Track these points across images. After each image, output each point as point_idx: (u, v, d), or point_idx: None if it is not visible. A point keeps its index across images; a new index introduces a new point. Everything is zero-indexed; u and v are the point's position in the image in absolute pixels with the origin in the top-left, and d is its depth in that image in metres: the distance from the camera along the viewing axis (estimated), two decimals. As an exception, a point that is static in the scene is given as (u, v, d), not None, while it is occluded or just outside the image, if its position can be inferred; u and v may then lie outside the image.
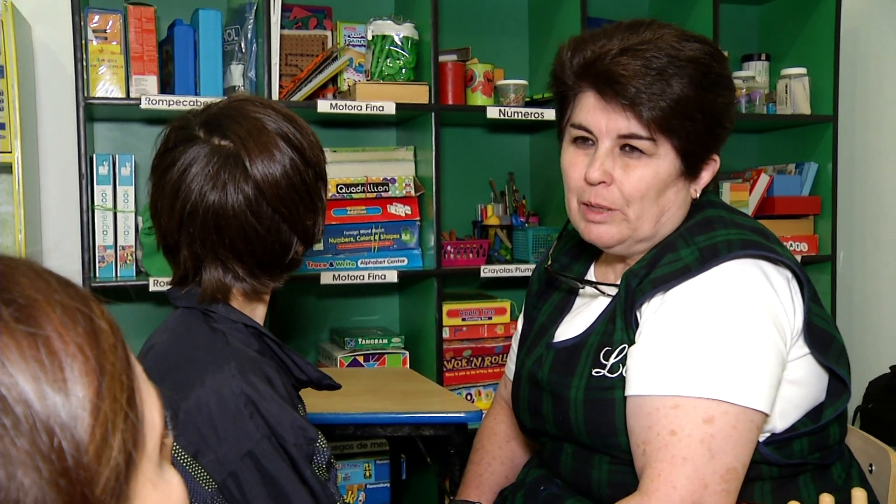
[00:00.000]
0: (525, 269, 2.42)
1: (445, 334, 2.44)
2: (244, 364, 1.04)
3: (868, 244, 2.88)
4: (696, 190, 1.25)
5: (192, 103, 2.15)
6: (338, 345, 2.47)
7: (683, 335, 1.11)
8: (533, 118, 2.44)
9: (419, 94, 2.34)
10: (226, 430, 1.00)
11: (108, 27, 2.17)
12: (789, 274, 1.18)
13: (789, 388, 1.16)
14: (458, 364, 2.46)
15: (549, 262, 1.39)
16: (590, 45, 1.20)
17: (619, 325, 1.21)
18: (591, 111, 1.20)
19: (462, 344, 2.47)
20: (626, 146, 1.19)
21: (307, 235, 1.16)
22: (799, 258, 2.74)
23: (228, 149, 1.09)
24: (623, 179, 1.19)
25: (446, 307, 2.44)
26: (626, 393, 1.14)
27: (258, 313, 1.18)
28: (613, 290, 1.25)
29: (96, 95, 2.14)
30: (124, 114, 2.31)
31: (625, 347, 1.19)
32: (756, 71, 2.87)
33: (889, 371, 2.66)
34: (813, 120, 2.77)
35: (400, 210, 2.41)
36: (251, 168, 1.09)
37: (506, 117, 2.41)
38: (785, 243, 2.75)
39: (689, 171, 1.21)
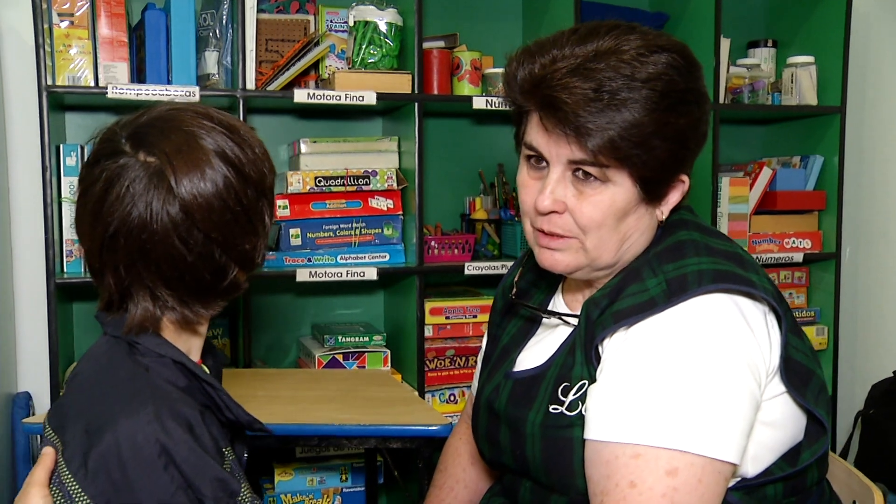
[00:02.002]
0: (512, 267, 2.32)
1: (428, 332, 2.35)
2: (163, 408, 0.95)
3: (875, 241, 2.76)
4: (661, 212, 1.13)
5: (162, 92, 2.06)
6: (318, 341, 2.39)
7: (647, 377, 1.02)
8: (522, 109, 2.33)
9: (401, 83, 2.24)
10: (138, 481, 0.91)
11: (75, 11, 2.08)
12: (766, 307, 1.08)
13: (763, 430, 1.06)
14: (441, 364, 2.38)
15: (514, 291, 1.29)
16: (538, 59, 1.07)
17: (578, 358, 1.12)
18: (540, 134, 1.09)
19: (445, 343, 2.38)
20: (579, 171, 1.08)
21: (246, 260, 1.06)
22: (801, 256, 2.63)
23: (154, 166, 1.00)
24: (576, 208, 1.08)
25: (429, 305, 2.35)
26: (585, 436, 1.05)
27: (193, 344, 1.09)
28: (576, 320, 1.16)
29: (62, 83, 2.05)
30: (95, 102, 2.22)
31: (584, 384, 1.10)
32: (762, 58, 2.74)
33: (893, 375, 2.56)
34: (819, 111, 2.64)
35: (382, 204, 2.32)
36: (178, 188, 0.99)
37: (493, 108, 2.30)
38: (787, 240, 2.66)
39: (650, 197, 1.10)
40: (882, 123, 2.71)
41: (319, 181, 2.26)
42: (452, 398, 2.39)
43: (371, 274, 2.23)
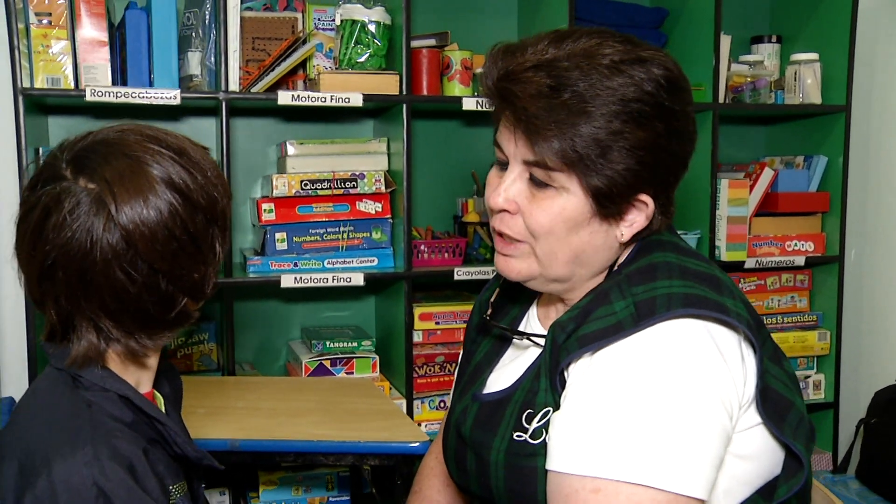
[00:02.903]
0: (503, 272, 2.27)
1: (418, 338, 2.31)
2: (102, 447, 0.91)
3: (880, 244, 2.68)
4: (622, 234, 1.07)
5: (143, 95, 2.02)
6: (307, 346, 2.35)
7: (610, 406, 0.96)
8: (514, 109, 2.27)
9: (389, 84, 2.18)
10: None
11: (54, 10, 2.03)
12: (740, 336, 1.02)
13: (737, 463, 1.01)
14: (430, 370, 2.33)
15: (489, 311, 1.24)
16: (509, 58, 1.04)
17: (543, 384, 1.07)
18: (504, 131, 1.07)
19: (435, 349, 2.33)
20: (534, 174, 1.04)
21: (195, 290, 1.02)
22: (804, 259, 2.56)
23: (94, 192, 0.95)
24: (528, 210, 1.05)
25: (419, 310, 2.30)
26: (547, 466, 1.00)
27: (142, 376, 1.05)
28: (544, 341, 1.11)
29: (40, 85, 2.00)
30: (77, 104, 2.17)
31: (549, 411, 1.05)
32: (766, 54, 2.66)
33: (895, 383, 2.49)
34: (823, 110, 2.56)
35: (370, 207, 2.27)
36: (118, 216, 0.94)
37: (484, 108, 2.24)
38: (789, 243, 2.59)
39: (605, 212, 1.04)
40: (888, 123, 2.63)
41: (305, 184, 2.21)
42: (442, 405, 2.34)
43: (358, 280, 2.18)
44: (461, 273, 2.27)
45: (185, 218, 0.98)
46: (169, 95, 2.03)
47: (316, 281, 2.16)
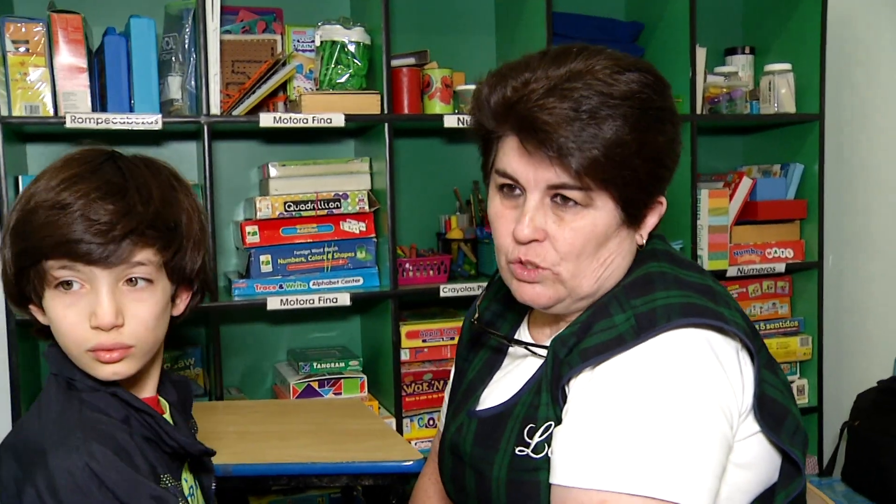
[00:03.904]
0: (488, 287, 2.27)
1: (405, 356, 2.31)
2: (90, 434, 0.93)
3: (857, 249, 2.72)
4: (641, 236, 1.10)
5: (123, 121, 2.01)
6: (294, 368, 2.34)
7: (614, 419, 0.97)
8: (495, 126, 2.28)
9: (370, 103, 2.19)
10: None
11: (31, 37, 2.02)
12: (738, 343, 1.04)
13: (736, 471, 1.02)
14: (418, 388, 2.33)
15: (476, 316, 1.25)
16: (510, 81, 1.04)
17: (544, 399, 1.07)
18: (516, 159, 1.04)
19: (423, 367, 2.33)
20: (558, 196, 1.04)
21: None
22: (784, 266, 2.59)
23: None
24: (557, 235, 1.04)
25: (405, 328, 2.30)
26: (551, 480, 1.01)
27: (140, 378, 1.06)
28: (545, 352, 1.11)
29: (18, 113, 1.99)
30: (57, 131, 2.16)
31: (551, 425, 1.05)
32: (740, 65, 2.70)
33: (877, 385, 2.52)
34: (798, 119, 2.60)
35: (354, 227, 2.27)
36: None
37: (465, 125, 2.26)
38: (769, 250, 2.62)
39: (631, 220, 1.06)
40: (861, 130, 2.68)
41: (289, 206, 2.20)
42: (431, 422, 2.34)
43: (344, 300, 2.18)
44: (447, 290, 2.28)
45: None
46: (150, 120, 2.02)
47: (302, 302, 2.16)
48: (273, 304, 2.13)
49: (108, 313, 0.92)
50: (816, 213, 2.61)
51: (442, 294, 2.27)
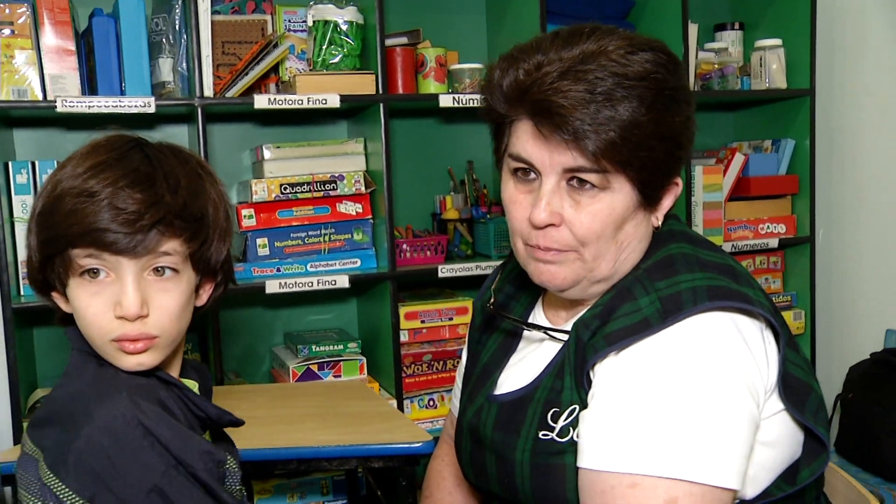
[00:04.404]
0: (486, 267, 2.27)
1: (404, 338, 2.30)
2: (136, 392, 0.92)
3: (848, 223, 2.75)
4: (657, 218, 1.10)
5: (115, 105, 1.97)
6: (292, 351, 2.32)
7: (644, 403, 0.97)
8: (490, 105, 2.26)
9: (365, 84, 2.16)
10: (125, 467, 0.87)
11: (16, 19, 1.97)
12: (762, 323, 1.04)
13: (762, 450, 1.02)
14: (418, 369, 2.32)
15: (491, 300, 1.24)
16: (522, 64, 1.02)
17: (567, 383, 1.07)
18: (531, 143, 1.03)
19: (422, 348, 2.33)
20: (574, 179, 1.03)
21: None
22: (777, 241, 2.61)
23: None
24: (574, 219, 1.03)
25: (404, 309, 2.29)
26: (579, 464, 1.01)
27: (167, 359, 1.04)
28: (564, 336, 1.11)
29: (5, 97, 1.94)
30: (45, 115, 2.11)
31: (575, 408, 1.05)
32: (730, 41, 2.70)
33: (870, 357, 2.55)
34: (788, 94, 2.61)
35: (350, 209, 2.25)
36: None
37: (460, 105, 2.24)
38: (762, 226, 2.64)
39: (648, 201, 1.06)
40: (851, 105, 2.69)
41: (285, 188, 2.18)
42: (432, 403, 2.34)
43: (343, 282, 2.17)
44: (445, 270, 2.27)
45: None
46: (143, 103, 1.99)
47: (301, 285, 2.14)
48: (272, 287, 2.11)
49: (133, 303, 0.90)
50: (808, 189, 2.62)
51: (440, 274, 2.26)
